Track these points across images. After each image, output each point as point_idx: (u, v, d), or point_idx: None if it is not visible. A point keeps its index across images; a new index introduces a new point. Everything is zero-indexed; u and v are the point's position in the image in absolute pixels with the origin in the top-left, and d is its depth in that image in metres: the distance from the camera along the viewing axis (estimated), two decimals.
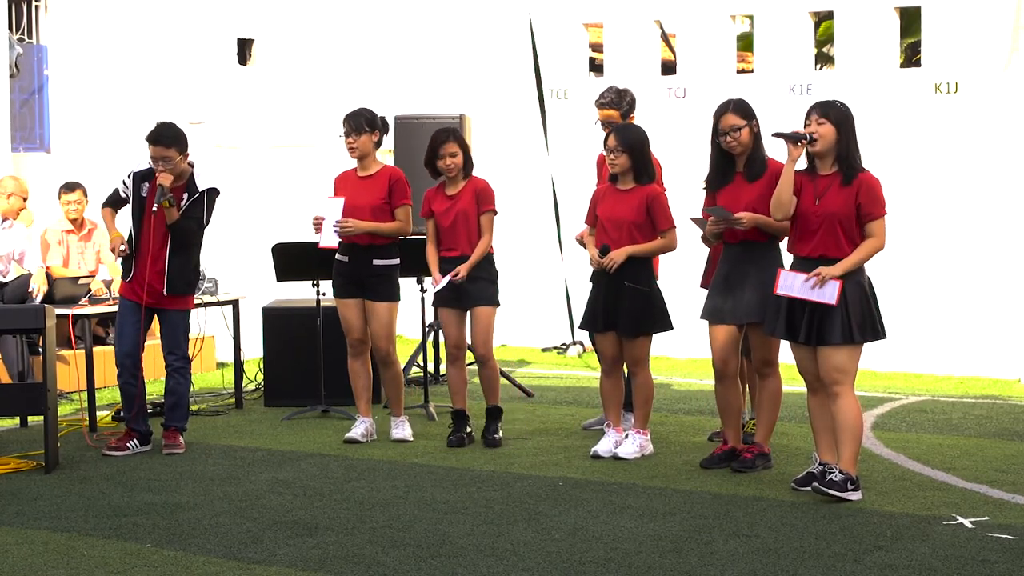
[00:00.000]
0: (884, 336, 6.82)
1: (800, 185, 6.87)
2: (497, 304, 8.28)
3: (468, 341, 8.44)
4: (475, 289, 8.18)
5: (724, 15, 12.13)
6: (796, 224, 6.88)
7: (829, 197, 6.74)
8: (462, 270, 8.11)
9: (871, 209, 6.71)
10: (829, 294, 6.64)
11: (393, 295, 8.35)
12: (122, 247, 8.16)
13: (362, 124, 8.27)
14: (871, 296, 6.78)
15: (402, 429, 8.53)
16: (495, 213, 8.25)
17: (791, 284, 6.75)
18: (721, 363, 7.46)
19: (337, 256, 8.40)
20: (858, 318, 6.68)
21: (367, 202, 8.25)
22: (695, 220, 7.61)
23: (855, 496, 6.74)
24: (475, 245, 8.17)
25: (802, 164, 6.94)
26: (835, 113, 6.78)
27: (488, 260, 8.25)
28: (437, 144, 8.23)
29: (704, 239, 7.86)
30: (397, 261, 8.39)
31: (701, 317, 7.56)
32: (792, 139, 6.90)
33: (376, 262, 8.29)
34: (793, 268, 6.90)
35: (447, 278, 8.14)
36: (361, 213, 8.24)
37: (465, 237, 8.18)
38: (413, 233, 9.00)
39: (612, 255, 7.67)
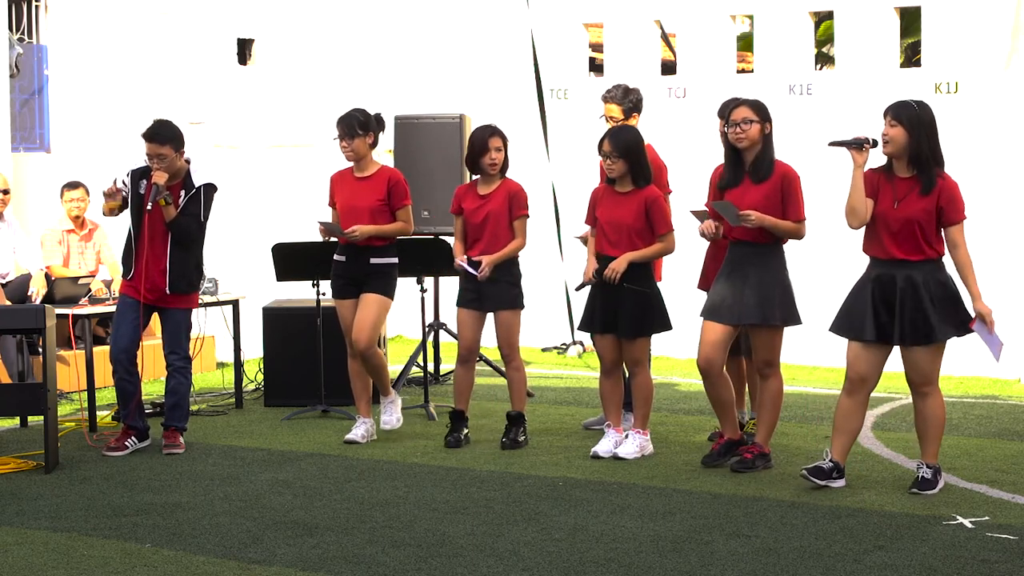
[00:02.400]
0: (965, 332, 6.87)
1: (878, 186, 6.84)
2: (520, 307, 8.24)
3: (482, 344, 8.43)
4: (496, 291, 8.14)
5: (724, 15, 12.13)
6: (874, 226, 6.85)
7: (909, 202, 6.72)
8: (486, 266, 8.04)
9: (952, 215, 6.73)
10: (997, 344, 6.81)
11: (387, 291, 8.32)
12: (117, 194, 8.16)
13: (354, 128, 8.22)
14: (955, 294, 6.82)
15: (390, 413, 8.48)
16: (528, 217, 8.24)
17: (992, 341, 6.84)
18: (705, 362, 7.46)
19: (335, 257, 8.39)
20: (947, 315, 6.76)
21: (366, 203, 8.23)
22: (695, 213, 7.60)
23: (943, 483, 6.96)
24: (500, 246, 8.12)
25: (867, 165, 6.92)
26: (908, 115, 6.74)
27: (512, 261, 8.19)
28: (485, 138, 8.17)
29: (702, 233, 7.83)
30: (395, 260, 8.37)
31: (700, 315, 7.57)
32: (855, 145, 6.82)
33: (373, 261, 8.27)
34: (870, 269, 6.89)
35: (470, 267, 8.06)
36: (359, 214, 8.22)
37: (491, 237, 8.14)
38: (415, 233, 9.01)
39: (613, 265, 7.66)
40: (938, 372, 6.86)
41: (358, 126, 8.22)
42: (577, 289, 8.09)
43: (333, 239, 8.47)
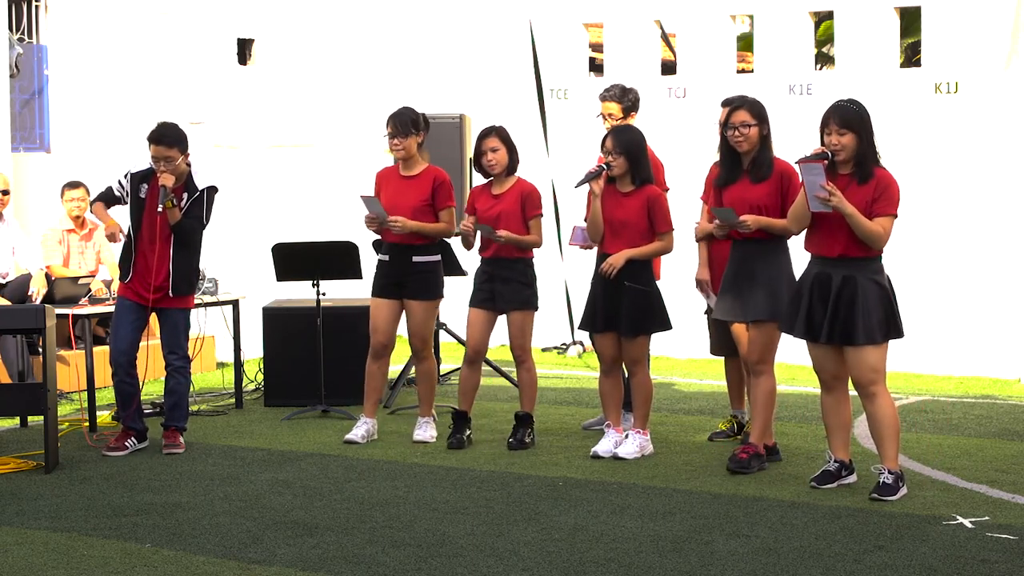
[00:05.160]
0: (902, 335, 6.86)
1: None
2: (534, 308, 8.24)
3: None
4: (509, 291, 8.15)
5: (724, 15, 12.13)
6: (815, 225, 6.86)
7: (847, 197, 6.70)
8: (503, 234, 7.99)
9: (882, 205, 6.70)
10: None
11: (432, 293, 8.33)
12: (121, 235, 8.18)
13: (408, 126, 8.22)
14: (892, 295, 6.82)
15: (424, 430, 8.50)
16: (542, 216, 8.23)
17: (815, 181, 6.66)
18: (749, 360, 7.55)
19: (379, 257, 8.41)
20: (879, 316, 6.71)
21: (409, 202, 8.23)
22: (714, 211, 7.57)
23: (905, 490, 6.85)
24: (509, 248, 8.09)
25: None
26: (855, 120, 6.74)
27: (523, 263, 8.20)
28: (480, 140, 8.21)
29: (699, 236, 7.79)
30: (438, 258, 8.36)
31: (713, 316, 7.60)
32: (819, 160, 6.84)
33: (416, 259, 8.28)
34: (811, 267, 6.91)
35: (485, 232, 8.00)
36: (402, 213, 8.21)
37: None
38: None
39: (611, 260, 7.69)
40: (882, 373, 6.81)
41: (411, 124, 8.24)
42: (577, 185, 7.96)
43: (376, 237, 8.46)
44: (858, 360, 6.77)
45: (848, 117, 6.76)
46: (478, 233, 8.18)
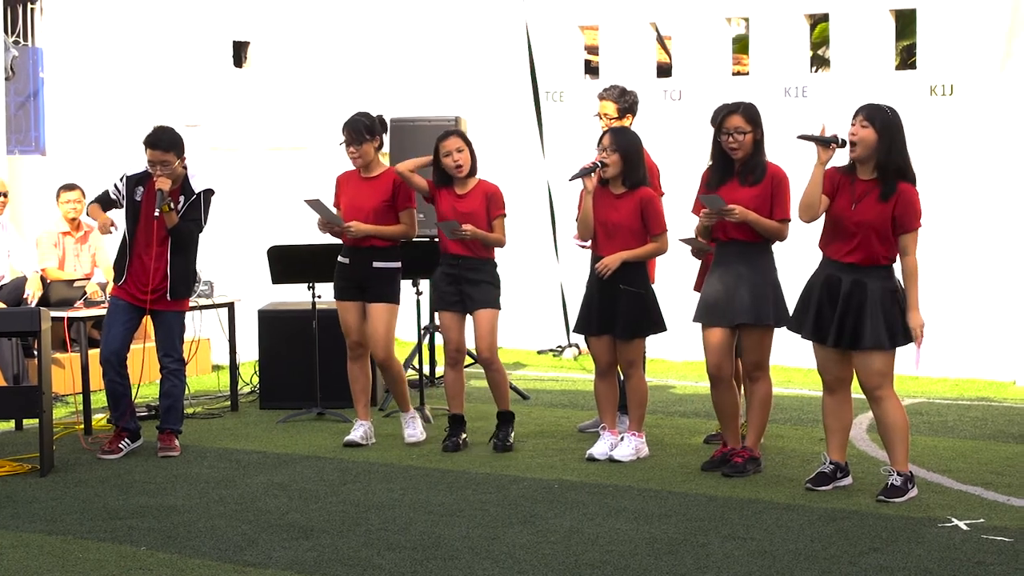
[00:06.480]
0: (910, 342, 6.86)
1: (838, 185, 6.83)
2: (499, 307, 8.23)
3: (467, 345, 8.41)
4: (477, 292, 8.14)
5: (720, 17, 12.14)
6: (830, 225, 6.86)
7: (866, 205, 6.70)
8: (469, 230, 7.94)
9: (905, 222, 6.69)
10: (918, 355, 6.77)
11: (391, 297, 8.31)
12: (114, 228, 8.16)
13: (362, 133, 8.21)
14: (902, 302, 6.81)
15: (412, 427, 8.49)
16: (505, 216, 8.22)
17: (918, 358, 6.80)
18: (715, 368, 7.47)
19: (339, 259, 8.39)
20: (888, 322, 6.71)
21: (370, 204, 8.23)
22: (685, 241, 7.64)
23: (914, 492, 6.85)
24: (477, 247, 8.11)
25: (838, 161, 6.92)
26: (880, 118, 6.71)
27: (491, 264, 8.21)
28: (439, 143, 8.16)
29: (694, 254, 7.83)
30: (398, 264, 8.36)
31: (694, 320, 7.57)
32: (823, 142, 6.80)
33: (376, 264, 8.27)
34: (822, 267, 6.91)
35: (452, 227, 7.98)
36: (363, 215, 8.22)
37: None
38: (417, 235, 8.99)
39: (605, 261, 7.68)
40: (889, 378, 6.82)
41: (365, 131, 8.22)
42: (571, 179, 7.92)
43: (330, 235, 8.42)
44: (865, 365, 6.78)
45: (874, 114, 6.73)
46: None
